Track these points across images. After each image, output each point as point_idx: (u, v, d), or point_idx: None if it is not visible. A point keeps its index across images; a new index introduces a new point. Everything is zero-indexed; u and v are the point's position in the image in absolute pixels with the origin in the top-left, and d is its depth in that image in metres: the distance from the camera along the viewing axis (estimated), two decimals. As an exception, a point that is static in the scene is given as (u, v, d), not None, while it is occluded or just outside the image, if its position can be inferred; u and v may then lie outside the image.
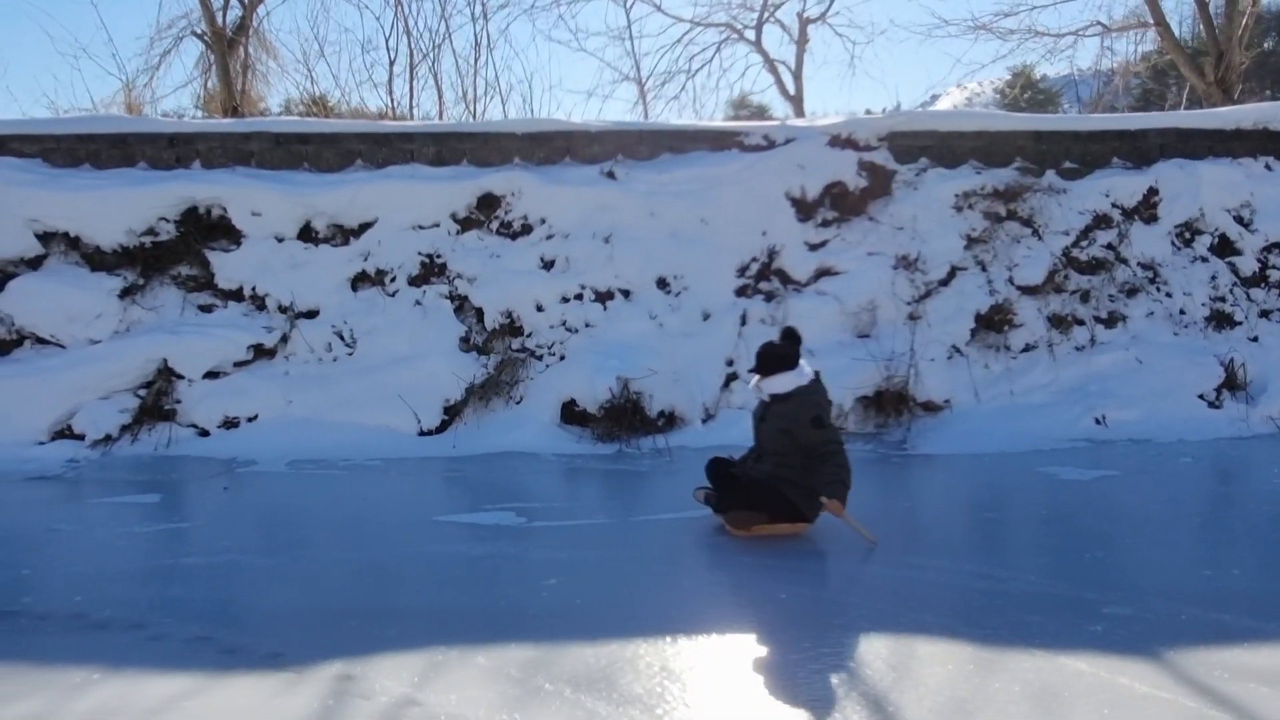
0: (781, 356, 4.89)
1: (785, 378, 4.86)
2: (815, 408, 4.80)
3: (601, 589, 4.19)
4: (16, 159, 8.16)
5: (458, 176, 8.29)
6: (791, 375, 4.86)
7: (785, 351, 4.92)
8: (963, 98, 30.68)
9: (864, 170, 8.63)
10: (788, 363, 4.88)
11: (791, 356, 4.90)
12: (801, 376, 4.87)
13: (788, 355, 4.90)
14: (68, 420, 7.29)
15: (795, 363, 4.90)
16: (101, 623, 3.82)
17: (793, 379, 4.85)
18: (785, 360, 4.89)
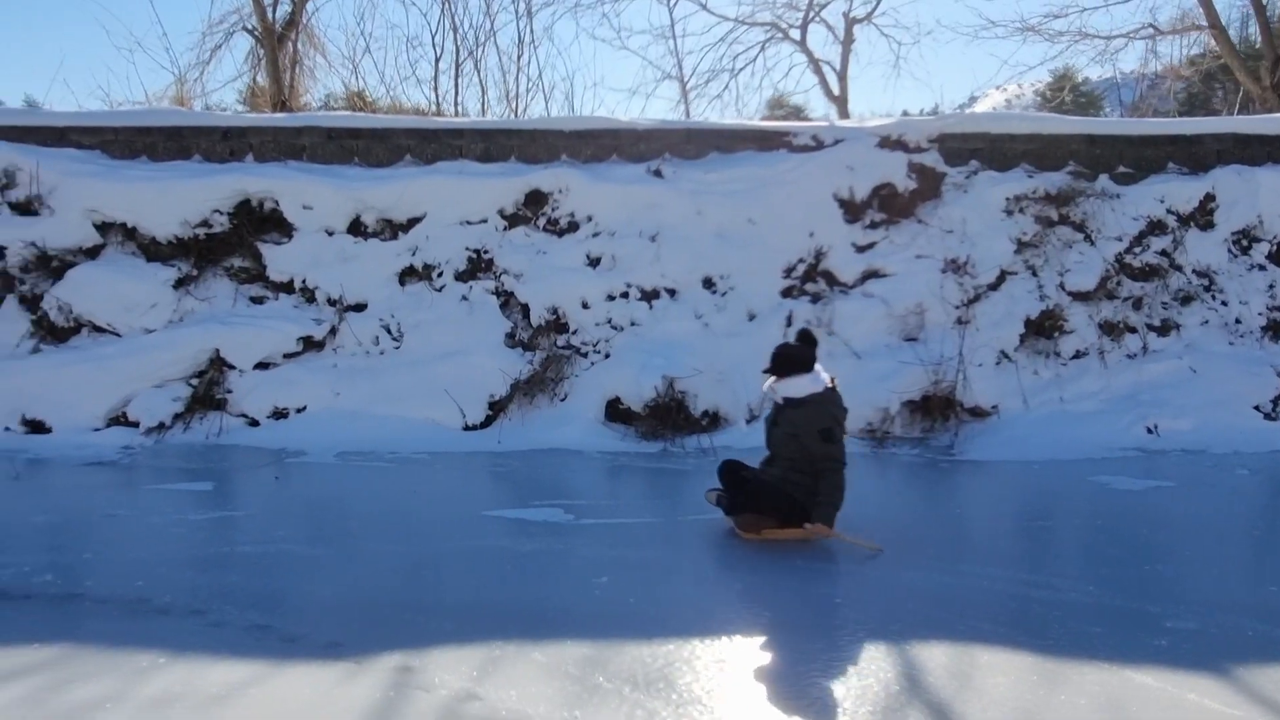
0: (797, 359, 4.81)
1: (800, 381, 4.78)
2: (827, 419, 4.72)
3: (653, 588, 4.18)
4: (77, 150, 8.33)
5: (505, 173, 8.33)
6: (807, 379, 4.78)
7: (801, 354, 4.84)
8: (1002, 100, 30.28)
9: (914, 172, 8.55)
10: (803, 365, 4.80)
11: (807, 359, 4.83)
12: (816, 382, 4.79)
13: (804, 358, 4.82)
14: (123, 407, 7.43)
15: (811, 366, 4.82)
16: (163, 608, 3.89)
17: (808, 384, 4.77)
18: (801, 363, 4.80)
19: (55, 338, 7.79)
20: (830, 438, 4.67)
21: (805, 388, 4.75)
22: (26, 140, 8.31)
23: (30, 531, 4.97)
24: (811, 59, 15.11)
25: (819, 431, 4.67)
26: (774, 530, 4.80)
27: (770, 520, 4.79)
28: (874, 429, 7.51)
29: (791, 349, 4.86)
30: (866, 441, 7.43)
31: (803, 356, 4.81)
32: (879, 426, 7.51)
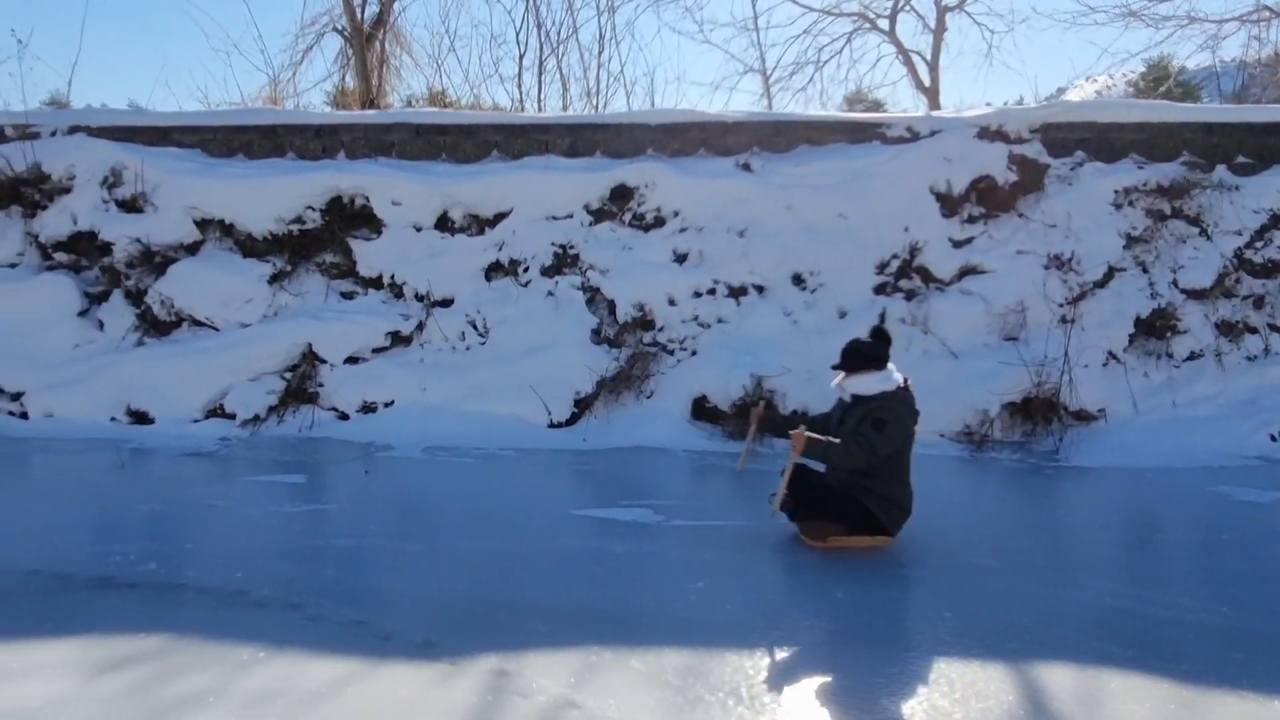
0: (869, 354, 4.56)
1: (871, 378, 4.53)
2: (889, 413, 4.41)
3: (750, 595, 4.04)
4: (178, 149, 8.58)
5: (591, 168, 8.26)
6: (878, 377, 4.53)
7: (874, 350, 4.58)
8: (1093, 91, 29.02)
9: (1014, 164, 8.17)
10: (875, 362, 4.55)
11: (880, 356, 4.57)
12: (888, 381, 4.53)
13: (876, 354, 4.56)
14: (220, 400, 7.61)
15: (883, 363, 4.57)
16: (261, 601, 3.91)
17: (878, 381, 4.52)
18: (872, 359, 4.55)
19: (158, 331, 8.03)
20: (881, 428, 4.36)
21: (875, 385, 4.51)
22: (132, 140, 8.59)
23: (136, 520, 5.09)
24: (901, 49, 14.66)
25: (874, 419, 4.39)
26: (841, 538, 4.60)
27: (838, 527, 4.58)
28: (971, 431, 7.20)
29: (863, 344, 4.62)
30: (963, 445, 7.13)
31: (875, 353, 4.57)
32: (977, 429, 7.19)
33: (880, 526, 4.57)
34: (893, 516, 4.56)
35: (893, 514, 4.56)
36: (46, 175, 8.38)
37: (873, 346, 4.60)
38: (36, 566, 4.29)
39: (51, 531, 4.85)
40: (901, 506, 4.58)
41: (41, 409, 7.64)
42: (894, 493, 4.55)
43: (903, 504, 4.59)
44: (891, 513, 4.55)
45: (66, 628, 3.59)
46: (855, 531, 4.58)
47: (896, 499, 4.56)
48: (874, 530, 4.58)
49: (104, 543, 4.65)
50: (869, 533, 4.59)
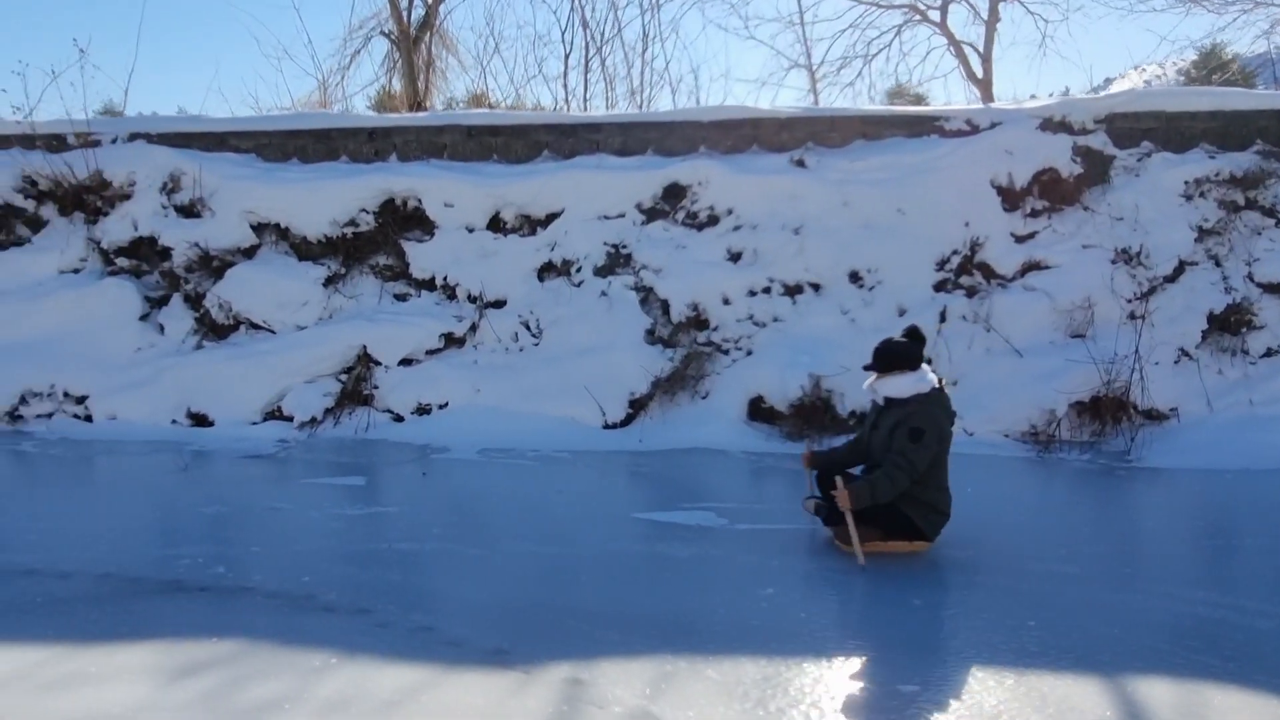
0: (903, 355, 4.40)
1: (904, 380, 4.38)
2: (926, 421, 4.26)
3: (822, 601, 3.94)
4: (234, 154, 8.68)
5: (643, 166, 8.19)
6: (911, 379, 4.37)
7: (907, 350, 4.42)
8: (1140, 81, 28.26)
9: (1079, 155, 7.93)
10: (908, 363, 4.39)
11: (914, 357, 4.41)
12: (921, 382, 4.37)
13: (910, 355, 4.41)
14: (277, 402, 7.67)
15: (917, 364, 4.41)
16: (329, 605, 3.90)
17: (912, 383, 4.36)
18: (906, 360, 4.39)
19: (216, 334, 8.13)
20: (918, 438, 4.23)
21: (909, 387, 4.36)
22: (189, 146, 8.71)
23: (201, 523, 5.12)
24: (952, 40, 14.36)
25: (910, 429, 4.25)
26: (877, 543, 4.44)
27: (873, 533, 4.42)
28: (1037, 432, 7.00)
29: (896, 345, 4.46)
30: (1029, 445, 6.93)
31: (908, 353, 4.41)
32: (1043, 429, 6.99)
33: (918, 532, 4.42)
34: (930, 522, 4.42)
35: (930, 519, 4.42)
36: (108, 182, 8.53)
37: (906, 346, 4.45)
38: (108, 570, 4.32)
39: (121, 535, 4.90)
40: (939, 511, 4.43)
41: (105, 412, 7.77)
42: (932, 497, 4.41)
43: (941, 508, 4.44)
44: (929, 518, 4.41)
45: (141, 632, 3.60)
46: (892, 537, 4.44)
47: (934, 503, 4.41)
48: (911, 536, 4.44)
49: (172, 546, 4.69)
50: (906, 538, 4.45)
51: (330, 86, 14.27)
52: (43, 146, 8.69)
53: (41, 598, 3.99)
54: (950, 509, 4.49)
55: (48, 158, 8.52)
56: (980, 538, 4.79)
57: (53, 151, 8.66)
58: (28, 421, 7.87)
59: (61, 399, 7.88)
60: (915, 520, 4.39)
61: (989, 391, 7.20)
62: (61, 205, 8.62)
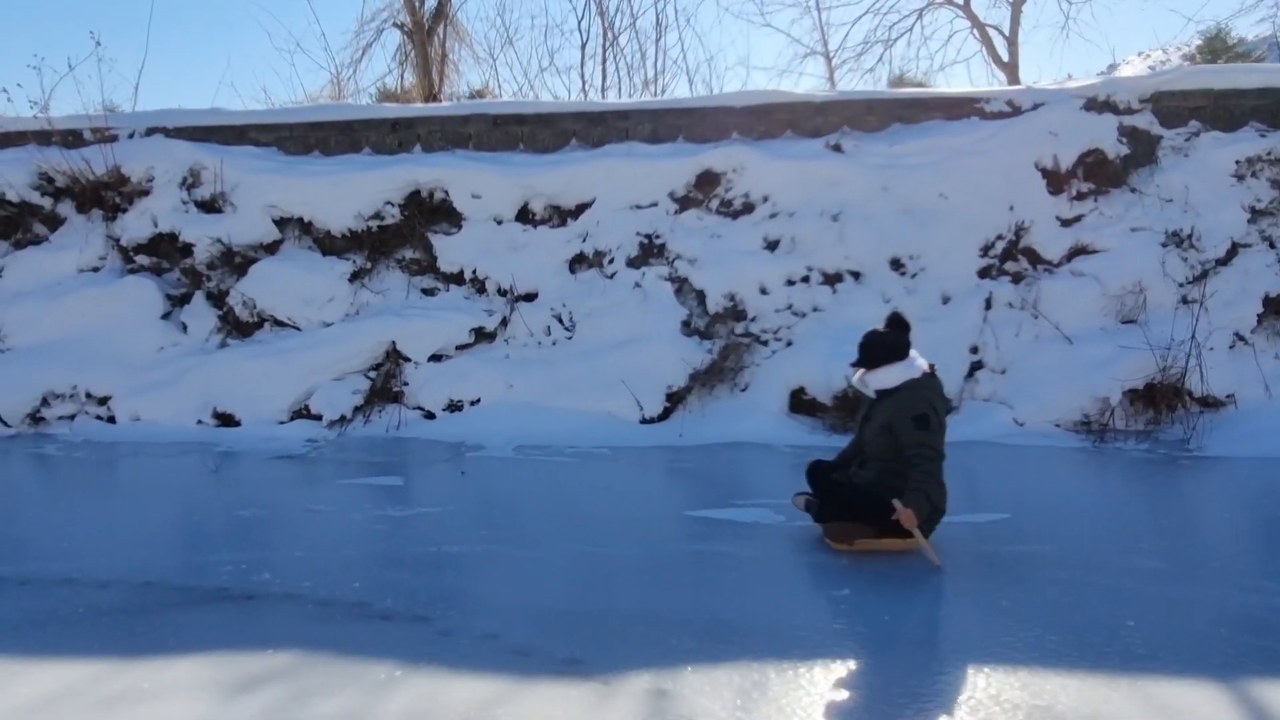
0: (888, 346, 4.24)
1: (892, 370, 4.20)
2: (922, 404, 4.10)
3: (905, 602, 3.72)
4: (255, 148, 8.49)
5: (675, 154, 7.98)
6: (900, 368, 4.20)
7: (893, 341, 4.25)
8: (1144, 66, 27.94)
9: (1124, 136, 7.70)
10: (895, 353, 4.22)
11: (900, 346, 4.24)
12: (911, 369, 4.20)
13: (895, 345, 4.24)
14: (305, 400, 7.49)
15: (904, 353, 4.24)
16: (385, 613, 3.70)
17: (901, 372, 4.19)
18: (892, 350, 4.23)
19: (240, 332, 7.94)
20: (925, 424, 4.07)
21: (898, 376, 4.19)
22: (209, 140, 8.52)
23: (240, 527, 4.94)
24: (977, 24, 14.08)
25: (912, 418, 4.08)
26: (869, 540, 4.25)
27: (865, 529, 4.24)
28: (1089, 421, 6.79)
29: (881, 336, 4.29)
30: (1082, 435, 6.72)
31: (894, 343, 4.25)
32: (1095, 418, 6.78)
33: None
34: (926, 518, 4.20)
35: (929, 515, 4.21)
36: (126, 178, 8.35)
37: (890, 337, 4.27)
38: (149, 578, 4.14)
39: (157, 540, 4.73)
40: (935, 506, 4.21)
41: (129, 412, 7.60)
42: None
43: (936, 503, 4.21)
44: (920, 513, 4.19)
45: (192, 644, 3.41)
46: (886, 534, 4.23)
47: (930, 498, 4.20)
48: (903, 532, 4.21)
49: (213, 551, 4.50)
50: (900, 535, 4.22)
51: (343, 80, 14.07)
52: (59, 142, 8.51)
53: (83, 608, 3.80)
54: (946, 504, 4.26)
55: (64, 154, 8.34)
56: (1055, 532, 4.60)
57: (69, 147, 8.48)
58: (50, 424, 7.70)
59: (84, 400, 7.71)
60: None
61: (1039, 380, 6.98)
62: (79, 202, 8.44)
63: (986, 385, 7.09)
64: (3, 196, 8.37)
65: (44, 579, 4.15)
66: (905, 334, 4.31)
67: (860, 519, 4.25)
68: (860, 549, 4.26)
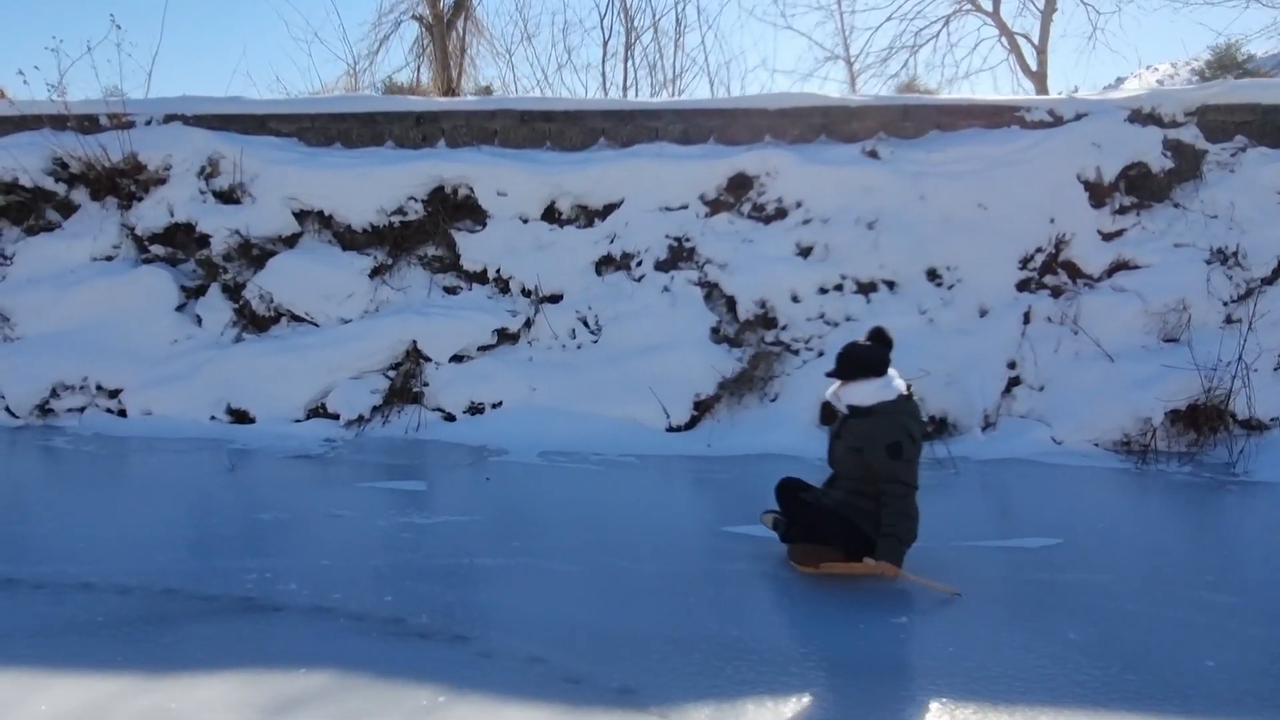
0: (867, 360, 4.03)
1: (868, 387, 4.01)
2: (897, 431, 3.89)
3: (966, 633, 3.53)
4: (275, 138, 8.29)
5: (707, 155, 7.78)
6: (876, 385, 4.00)
7: (872, 355, 4.05)
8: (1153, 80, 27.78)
9: (1169, 149, 7.52)
10: (873, 369, 4.03)
11: (879, 362, 4.04)
12: (888, 389, 4.00)
13: (874, 359, 4.04)
14: (322, 399, 7.29)
15: (883, 369, 4.04)
16: (422, 630, 3.51)
17: (876, 390, 3.99)
18: (871, 365, 4.03)
19: (257, 327, 7.74)
20: (898, 453, 3.88)
21: (874, 394, 3.99)
22: (228, 128, 8.32)
23: (261, 531, 4.75)
24: (1005, 31, 13.89)
25: (886, 446, 3.89)
26: (836, 563, 4.07)
27: (831, 552, 4.06)
28: (1129, 441, 6.60)
29: (860, 349, 4.09)
30: (1121, 456, 6.53)
31: (873, 358, 4.05)
32: (1136, 439, 6.59)
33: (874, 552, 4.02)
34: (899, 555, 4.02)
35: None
36: (143, 165, 8.15)
37: (871, 350, 4.08)
38: (171, 584, 3.95)
39: (177, 543, 4.53)
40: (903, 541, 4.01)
41: (140, 407, 7.40)
42: None
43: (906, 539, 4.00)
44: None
45: (220, 659, 3.22)
46: (854, 558, 4.04)
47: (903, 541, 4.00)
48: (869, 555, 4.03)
49: (236, 557, 4.31)
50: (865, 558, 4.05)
51: (359, 72, 13.87)
52: (74, 127, 8.30)
53: (103, 616, 3.61)
54: (917, 531, 4.04)
55: (80, 139, 8.13)
56: (1112, 559, 4.42)
57: (85, 133, 8.27)
58: (58, 416, 7.49)
59: (94, 392, 7.50)
60: (874, 539, 3.99)
61: (1078, 398, 6.80)
62: (94, 189, 8.24)
63: (1024, 401, 6.90)
64: (15, 181, 8.17)
65: (61, 583, 3.96)
66: (887, 350, 4.10)
67: (827, 541, 4.07)
68: (825, 572, 4.07)
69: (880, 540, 3.93)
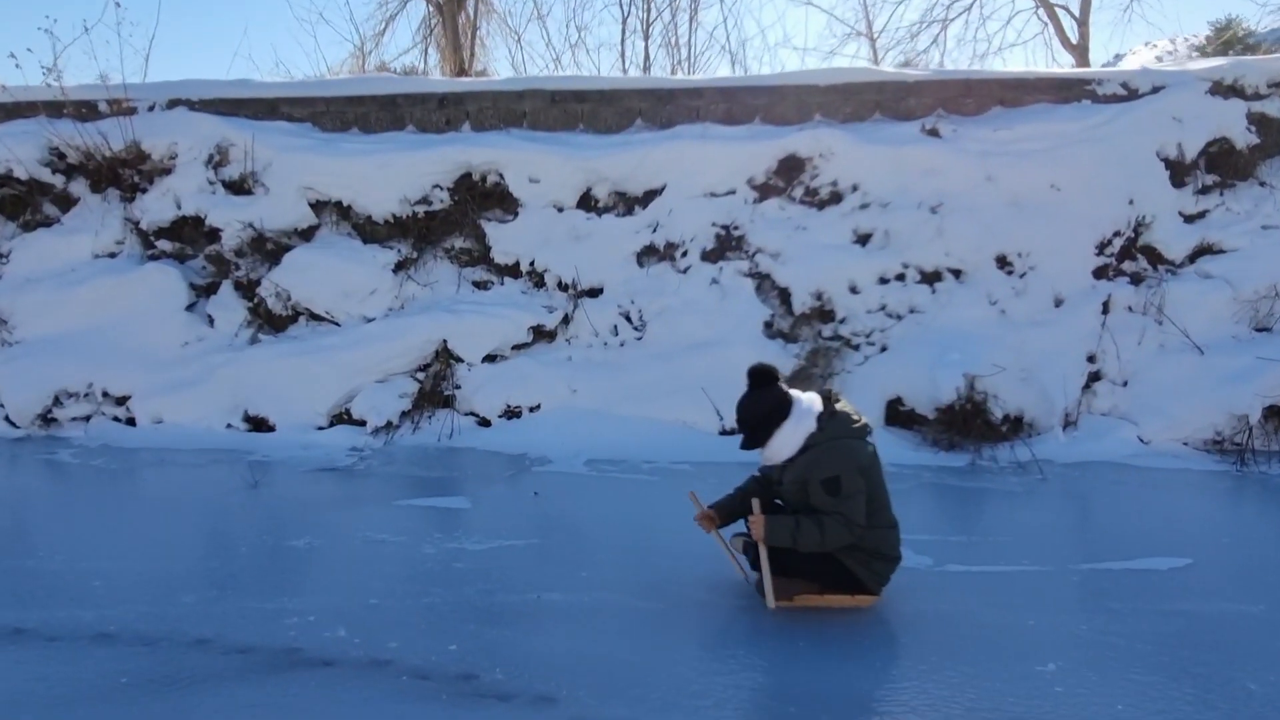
0: (768, 413, 3.49)
1: (784, 436, 3.47)
2: (833, 464, 3.39)
3: (1122, 677, 3.04)
4: (288, 123, 7.75)
5: (754, 136, 7.25)
6: (790, 429, 3.47)
7: (766, 404, 3.50)
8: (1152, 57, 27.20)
9: (1253, 124, 6.99)
10: (778, 415, 3.48)
11: (779, 405, 3.49)
12: (802, 424, 3.46)
13: (775, 405, 3.49)
14: (346, 404, 6.78)
15: (786, 410, 3.48)
16: (501, 691, 3.00)
17: (793, 432, 3.46)
18: (775, 413, 3.49)
19: (273, 326, 7.22)
20: (835, 490, 3.39)
21: (795, 440, 3.46)
22: (237, 114, 7.77)
23: (296, 562, 4.23)
24: (1044, 2, 13.33)
25: (822, 482, 3.40)
26: (811, 597, 3.62)
27: (810, 585, 3.61)
28: (1223, 440, 6.12)
29: (756, 403, 3.52)
30: (1217, 457, 6.04)
31: (769, 405, 3.50)
32: (1230, 438, 6.10)
33: (859, 584, 3.57)
34: (875, 570, 3.56)
35: (875, 567, 3.56)
36: (146, 154, 7.61)
37: (762, 399, 3.52)
38: (204, 632, 3.44)
39: (204, 580, 4.01)
40: (885, 556, 3.56)
41: (150, 414, 6.89)
42: (874, 541, 3.52)
43: (886, 551, 3.56)
44: (873, 565, 3.55)
45: (270, 735, 2.72)
46: (829, 590, 3.60)
47: (878, 548, 3.54)
48: (853, 589, 3.59)
49: (272, 596, 3.80)
50: (847, 591, 3.60)
51: (367, 54, 13.28)
52: (72, 114, 7.75)
53: (127, 677, 3.09)
54: (899, 549, 3.60)
55: (78, 127, 7.58)
56: (1259, 584, 3.91)
57: (83, 120, 7.72)
58: (63, 425, 6.98)
59: (101, 400, 6.99)
60: (855, 570, 3.54)
61: (1165, 394, 6.30)
62: (94, 180, 7.69)
63: (1106, 398, 6.40)
64: (9, 174, 7.62)
65: (75, 633, 3.45)
66: (776, 386, 3.55)
67: (800, 574, 3.59)
68: (801, 605, 3.62)
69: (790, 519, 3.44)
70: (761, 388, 3.56)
